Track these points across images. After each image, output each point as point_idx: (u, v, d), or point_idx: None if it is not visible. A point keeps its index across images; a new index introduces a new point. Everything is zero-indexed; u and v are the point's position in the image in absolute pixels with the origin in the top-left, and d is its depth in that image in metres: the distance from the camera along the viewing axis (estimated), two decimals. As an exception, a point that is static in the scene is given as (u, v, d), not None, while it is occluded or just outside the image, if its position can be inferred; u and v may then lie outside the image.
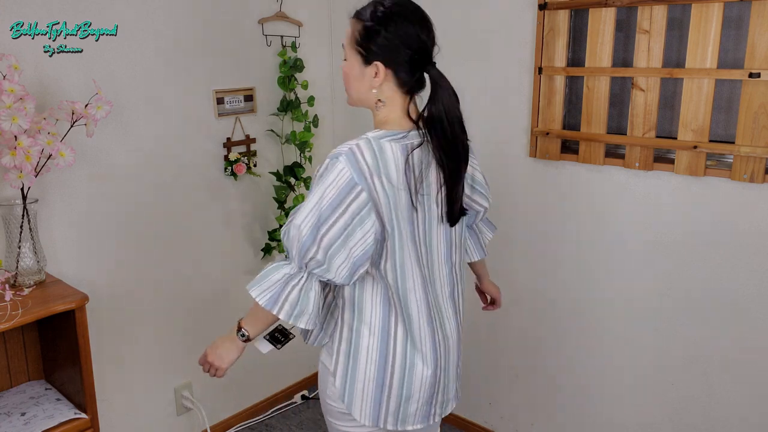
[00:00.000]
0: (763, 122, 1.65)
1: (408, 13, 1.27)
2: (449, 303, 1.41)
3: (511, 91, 2.11)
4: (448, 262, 1.39)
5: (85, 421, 1.68)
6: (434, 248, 1.35)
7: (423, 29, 1.27)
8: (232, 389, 2.52)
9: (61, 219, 1.91)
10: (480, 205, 1.54)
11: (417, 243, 1.31)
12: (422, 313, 1.34)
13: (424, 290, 1.34)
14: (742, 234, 1.74)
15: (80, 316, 1.63)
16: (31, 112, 1.60)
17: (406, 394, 1.37)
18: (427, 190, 1.30)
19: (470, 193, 1.48)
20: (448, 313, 1.41)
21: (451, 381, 1.46)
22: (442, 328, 1.39)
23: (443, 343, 1.39)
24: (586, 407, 2.16)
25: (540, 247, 2.16)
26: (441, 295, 1.39)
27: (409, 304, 1.32)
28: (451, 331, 1.41)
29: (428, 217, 1.32)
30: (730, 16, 1.72)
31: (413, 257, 1.30)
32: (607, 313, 2.04)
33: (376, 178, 1.22)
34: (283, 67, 2.40)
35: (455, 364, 1.46)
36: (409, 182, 1.25)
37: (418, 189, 1.28)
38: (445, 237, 1.37)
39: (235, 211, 2.40)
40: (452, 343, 1.42)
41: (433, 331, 1.36)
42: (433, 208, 1.32)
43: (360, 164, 1.21)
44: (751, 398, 1.80)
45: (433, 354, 1.37)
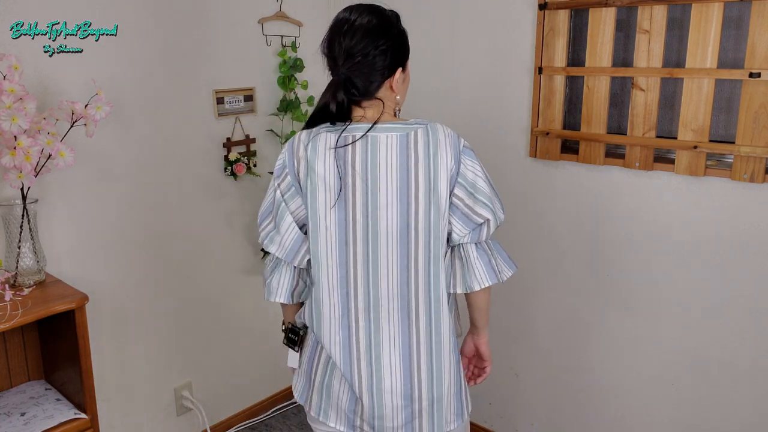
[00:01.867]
0: (763, 122, 1.64)
1: (345, 9, 1.33)
2: (398, 322, 1.31)
3: (511, 91, 2.11)
4: (404, 271, 1.29)
5: (85, 421, 1.68)
6: (381, 250, 1.28)
7: None
8: (232, 389, 2.52)
9: (61, 219, 1.91)
10: (479, 216, 1.31)
11: (347, 239, 1.28)
12: (334, 319, 1.31)
13: (344, 295, 1.30)
14: (742, 234, 1.74)
15: (80, 316, 1.63)
16: (31, 112, 1.60)
17: (327, 382, 1.36)
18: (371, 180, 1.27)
19: (470, 201, 1.30)
20: (393, 332, 1.31)
21: (392, 413, 1.33)
22: (369, 349, 1.31)
23: (368, 362, 1.30)
24: (587, 407, 2.16)
25: (540, 247, 2.16)
26: (385, 309, 1.30)
27: (321, 308, 1.33)
28: (390, 340, 1.31)
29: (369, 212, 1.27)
30: (730, 16, 1.72)
31: (335, 252, 1.30)
32: (607, 312, 2.04)
33: (303, 161, 1.29)
34: (283, 67, 2.40)
35: (402, 395, 1.32)
36: (339, 169, 1.27)
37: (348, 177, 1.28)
38: (400, 241, 1.28)
39: (235, 211, 2.40)
40: (392, 367, 1.31)
41: (350, 345, 1.31)
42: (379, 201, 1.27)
43: (294, 149, 1.32)
44: (751, 398, 1.80)
45: (348, 370, 1.31)
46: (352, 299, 1.31)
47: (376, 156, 1.26)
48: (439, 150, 1.26)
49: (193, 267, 2.30)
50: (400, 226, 1.27)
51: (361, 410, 1.34)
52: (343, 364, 1.32)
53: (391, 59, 1.28)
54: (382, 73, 1.28)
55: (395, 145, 1.26)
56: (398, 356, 1.32)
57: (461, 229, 1.31)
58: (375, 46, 1.25)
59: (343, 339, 1.32)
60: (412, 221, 1.27)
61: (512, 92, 2.11)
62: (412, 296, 1.31)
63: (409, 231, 1.27)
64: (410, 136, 1.27)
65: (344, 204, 1.28)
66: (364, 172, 1.26)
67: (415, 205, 1.26)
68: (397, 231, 1.27)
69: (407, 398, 1.33)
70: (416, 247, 1.28)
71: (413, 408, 1.34)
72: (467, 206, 1.30)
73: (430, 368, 1.33)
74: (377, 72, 1.28)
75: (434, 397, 1.34)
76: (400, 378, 1.32)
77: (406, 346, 1.32)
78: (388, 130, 1.27)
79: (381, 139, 1.27)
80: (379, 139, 1.27)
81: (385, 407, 1.33)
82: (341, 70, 1.26)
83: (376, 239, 1.28)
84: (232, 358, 2.49)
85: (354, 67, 1.25)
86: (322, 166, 1.27)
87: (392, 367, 1.32)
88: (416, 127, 1.28)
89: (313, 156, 1.28)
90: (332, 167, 1.27)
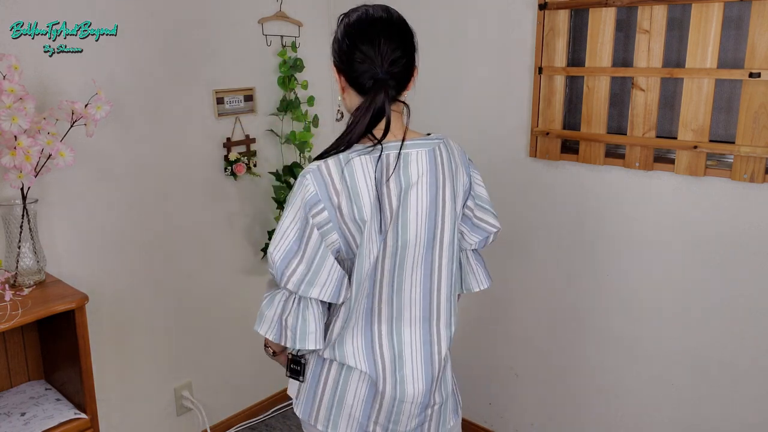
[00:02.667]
0: (763, 122, 1.64)
1: (349, 15, 1.28)
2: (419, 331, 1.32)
3: (511, 91, 2.11)
4: (427, 280, 1.30)
5: (84, 421, 1.68)
6: (407, 262, 1.28)
7: None
8: (232, 389, 2.52)
9: (61, 219, 1.91)
10: (492, 225, 1.38)
11: (379, 262, 1.26)
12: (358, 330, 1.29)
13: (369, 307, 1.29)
14: (742, 234, 1.74)
15: (80, 316, 1.63)
16: (31, 112, 1.60)
17: (339, 397, 1.34)
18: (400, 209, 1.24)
19: (479, 212, 1.36)
20: (415, 341, 1.32)
21: (407, 420, 1.35)
22: (393, 359, 1.31)
23: (392, 371, 1.31)
24: (587, 407, 2.16)
25: (540, 247, 2.16)
26: (407, 319, 1.31)
27: (347, 323, 1.29)
28: (413, 349, 1.32)
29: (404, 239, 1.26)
30: (730, 16, 1.72)
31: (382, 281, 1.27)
32: (607, 312, 2.04)
33: (342, 195, 1.19)
34: (283, 67, 2.40)
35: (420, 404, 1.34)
36: (379, 192, 1.21)
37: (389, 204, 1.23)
38: (425, 264, 1.28)
39: (234, 211, 2.40)
40: (414, 377, 1.32)
41: (373, 354, 1.30)
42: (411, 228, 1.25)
43: (325, 181, 1.19)
44: (751, 398, 1.80)
45: (374, 375, 1.31)
46: (376, 311, 1.30)
47: (408, 173, 1.23)
48: (457, 166, 1.31)
49: (193, 267, 2.30)
50: (426, 239, 1.27)
51: (377, 415, 1.35)
52: (368, 369, 1.31)
53: (414, 60, 1.27)
54: (410, 74, 1.26)
55: (425, 161, 1.25)
56: (420, 366, 1.32)
57: (472, 238, 1.37)
58: (411, 46, 1.24)
59: (366, 348, 1.31)
60: (438, 234, 1.28)
61: (512, 92, 2.11)
62: (434, 306, 1.32)
63: (434, 244, 1.28)
64: (436, 152, 1.26)
65: (380, 223, 1.24)
66: (397, 190, 1.24)
67: (442, 220, 1.27)
68: (424, 244, 1.27)
69: (423, 405, 1.35)
70: (440, 259, 1.30)
71: (426, 413, 1.37)
72: (478, 217, 1.36)
73: (444, 374, 1.38)
74: (410, 72, 1.26)
75: (443, 400, 1.39)
76: (422, 387, 1.33)
77: (428, 355, 1.33)
78: (417, 146, 1.25)
79: (412, 156, 1.24)
80: (410, 156, 1.24)
81: (402, 414, 1.34)
82: (381, 72, 1.19)
83: (404, 252, 1.26)
84: (232, 358, 2.49)
85: (396, 69, 1.21)
86: (366, 194, 1.20)
87: (414, 377, 1.32)
88: (437, 142, 1.27)
89: (354, 185, 1.20)
90: (374, 192, 1.22)
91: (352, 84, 1.23)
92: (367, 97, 1.21)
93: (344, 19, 1.24)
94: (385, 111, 1.20)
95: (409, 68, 1.25)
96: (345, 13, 1.26)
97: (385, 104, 1.19)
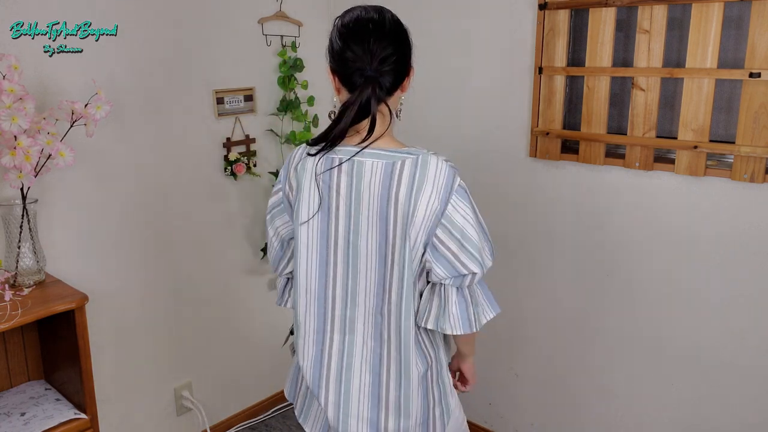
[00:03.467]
0: (763, 122, 1.64)
1: (344, 14, 1.31)
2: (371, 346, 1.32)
3: (511, 91, 2.11)
4: (379, 297, 1.28)
5: (84, 422, 1.68)
6: (360, 273, 1.28)
7: None
8: (232, 389, 2.52)
9: (61, 219, 1.91)
10: (464, 267, 1.24)
11: (328, 258, 1.29)
12: (308, 335, 1.34)
13: (321, 313, 1.33)
14: (742, 234, 1.74)
15: (80, 316, 1.63)
16: (31, 112, 1.60)
17: (309, 398, 1.40)
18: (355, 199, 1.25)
19: (454, 246, 1.24)
20: (366, 355, 1.31)
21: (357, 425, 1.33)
22: (340, 370, 1.32)
23: (337, 382, 1.32)
24: (586, 407, 2.16)
25: (539, 248, 2.15)
26: (360, 332, 1.31)
27: (299, 322, 1.35)
28: (362, 363, 1.31)
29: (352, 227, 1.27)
30: (731, 15, 1.72)
31: (315, 270, 1.31)
32: (607, 312, 2.04)
33: (292, 182, 1.32)
34: (283, 67, 2.40)
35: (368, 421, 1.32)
36: (322, 192, 1.28)
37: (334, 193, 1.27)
38: (378, 268, 1.27)
39: (234, 211, 2.40)
40: (361, 392, 1.31)
41: (321, 362, 1.33)
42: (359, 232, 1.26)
43: (288, 165, 1.35)
44: (751, 398, 1.80)
45: (316, 387, 1.33)
46: (329, 317, 1.33)
47: (361, 182, 1.24)
48: (424, 186, 1.21)
49: (193, 267, 2.30)
50: (378, 253, 1.26)
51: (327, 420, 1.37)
52: (312, 379, 1.33)
53: (408, 60, 1.28)
54: (403, 74, 1.27)
55: (379, 173, 1.22)
56: (368, 382, 1.31)
57: (440, 272, 1.25)
58: (404, 45, 1.26)
59: (316, 355, 1.34)
60: (389, 251, 1.25)
61: (512, 92, 2.11)
62: (385, 324, 1.30)
63: (386, 260, 1.26)
64: (396, 166, 1.22)
65: (327, 225, 1.28)
66: (348, 196, 1.25)
67: (393, 237, 1.23)
68: (376, 257, 1.26)
69: (373, 426, 1.32)
70: (391, 278, 1.26)
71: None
72: (452, 253, 1.24)
73: (397, 399, 1.31)
74: (402, 71, 1.26)
75: (400, 426, 1.32)
76: (368, 404, 1.31)
77: (377, 373, 1.31)
78: (376, 157, 1.24)
79: (366, 165, 1.23)
80: (365, 165, 1.24)
81: (350, 431, 1.33)
82: (370, 70, 1.20)
83: (356, 262, 1.28)
84: (232, 358, 2.49)
85: (386, 67, 1.22)
86: (308, 186, 1.28)
87: (361, 392, 1.32)
88: (405, 157, 1.23)
89: (302, 174, 1.29)
90: (316, 189, 1.28)
91: (344, 83, 1.25)
92: (354, 93, 1.22)
93: (338, 20, 1.27)
94: (371, 109, 1.20)
95: (402, 67, 1.25)
96: (339, 15, 1.28)
97: (371, 101, 1.20)
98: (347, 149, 1.25)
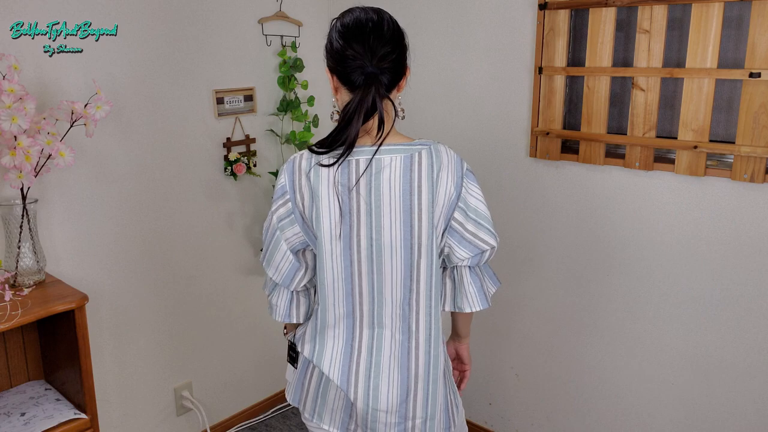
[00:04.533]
0: (763, 122, 1.64)
1: (343, 15, 1.31)
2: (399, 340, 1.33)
3: (511, 91, 2.11)
4: (406, 289, 1.31)
5: (84, 422, 1.68)
6: (385, 269, 1.29)
7: None
8: (232, 389, 2.53)
9: (61, 219, 1.91)
10: (484, 242, 1.32)
11: (352, 258, 1.29)
12: (338, 336, 1.34)
13: (350, 312, 1.33)
14: (742, 234, 1.74)
15: (80, 316, 1.63)
16: (31, 112, 1.60)
17: (322, 391, 1.39)
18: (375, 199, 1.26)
19: (471, 226, 1.30)
20: (394, 349, 1.33)
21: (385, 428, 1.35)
22: (369, 366, 1.32)
23: (366, 378, 1.32)
24: (587, 407, 2.16)
25: (539, 247, 2.16)
26: (388, 327, 1.33)
27: (326, 324, 1.35)
28: (391, 357, 1.33)
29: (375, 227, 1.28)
30: (731, 15, 1.72)
31: (341, 271, 1.30)
32: (607, 312, 2.04)
33: (305, 191, 1.28)
34: (283, 67, 2.40)
35: (396, 413, 1.33)
36: (342, 196, 1.27)
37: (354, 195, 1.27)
38: (404, 261, 1.29)
39: (235, 211, 2.40)
40: (390, 385, 1.33)
41: (350, 360, 1.33)
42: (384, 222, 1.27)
43: (294, 173, 1.29)
44: (751, 398, 1.80)
45: (345, 382, 1.33)
46: (357, 315, 1.33)
47: (380, 179, 1.25)
48: (441, 173, 1.26)
49: (193, 267, 2.30)
50: (403, 246, 1.28)
51: (355, 419, 1.36)
52: (340, 376, 1.33)
53: (405, 61, 1.30)
54: (400, 73, 1.28)
55: (399, 167, 1.25)
56: (397, 375, 1.33)
57: (462, 253, 1.31)
58: (402, 45, 1.27)
59: (345, 353, 1.34)
60: (415, 242, 1.27)
61: (512, 92, 2.11)
62: (413, 314, 1.32)
63: (412, 251, 1.28)
64: (414, 158, 1.25)
65: (349, 227, 1.28)
66: (368, 195, 1.26)
67: (419, 227, 1.26)
68: (401, 250, 1.28)
69: (402, 416, 1.34)
70: (419, 268, 1.29)
71: (406, 425, 1.35)
72: (470, 232, 1.30)
73: (426, 387, 1.34)
74: (400, 70, 1.28)
75: (428, 415, 1.35)
76: (397, 397, 1.33)
77: (405, 367, 1.33)
78: (392, 152, 1.26)
79: (385, 162, 1.25)
80: (383, 162, 1.25)
81: (379, 423, 1.34)
82: (371, 67, 1.22)
83: (380, 258, 1.28)
84: (232, 358, 2.49)
85: (385, 65, 1.23)
86: (327, 198, 1.26)
87: (390, 385, 1.33)
88: (420, 148, 1.27)
89: (317, 183, 1.26)
90: (335, 198, 1.26)
91: (344, 82, 1.26)
92: (357, 92, 1.22)
93: (336, 21, 1.28)
94: (378, 108, 1.21)
95: (399, 67, 1.27)
96: (337, 16, 1.29)
97: (376, 100, 1.21)
98: (362, 149, 1.26)
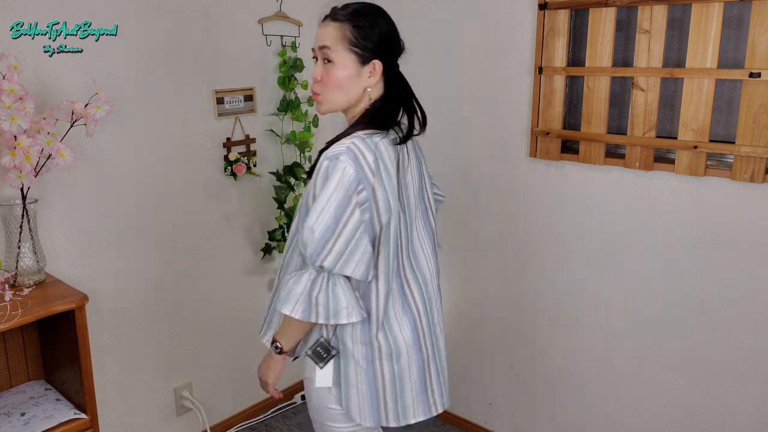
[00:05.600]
0: (763, 122, 1.64)
1: (383, 11, 1.38)
2: (437, 292, 1.49)
3: (511, 91, 2.11)
4: (434, 253, 1.48)
5: (84, 422, 1.68)
6: (416, 239, 1.43)
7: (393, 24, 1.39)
8: (232, 389, 2.52)
9: (61, 219, 1.91)
10: (441, 197, 1.63)
11: (405, 236, 1.40)
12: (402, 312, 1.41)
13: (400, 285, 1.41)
14: (742, 234, 1.74)
15: (80, 316, 1.63)
16: (31, 112, 1.60)
17: (400, 397, 1.38)
18: (407, 184, 1.40)
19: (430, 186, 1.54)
20: (437, 303, 1.48)
21: (442, 368, 1.50)
22: (428, 315, 1.44)
23: (428, 329, 1.44)
24: (586, 407, 2.16)
25: (540, 247, 2.15)
26: (430, 283, 1.46)
27: (388, 305, 1.39)
28: (438, 320, 1.48)
29: (411, 211, 1.41)
30: (731, 16, 1.72)
31: (404, 249, 1.40)
32: (607, 313, 2.04)
33: (377, 176, 1.28)
34: (283, 67, 2.40)
35: (441, 353, 1.50)
36: (399, 177, 1.35)
37: (403, 183, 1.38)
38: (426, 228, 1.46)
39: (235, 211, 2.40)
40: (439, 332, 1.49)
41: (414, 318, 1.41)
42: (412, 201, 1.41)
43: (361, 162, 1.26)
44: (751, 398, 1.80)
45: (414, 336, 1.41)
46: (404, 281, 1.41)
47: (406, 151, 1.41)
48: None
49: (193, 267, 2.30)
50: (424, 216, 1.46)
51: (429, 378, 1.45)
52: (414, 351, 1.40)
53: None
54: None
55: (410, 143, 1.43)
56: (439, 307, 1.50)
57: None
58: None
59: (405, 312, 1.40)
60: (430, 213, 1.48)
61: (512, 92, 2.11)
62: (437, 264, 1.50)
63: (430, 221, 1.48)
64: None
65: (407, 204, 1.41)
66: (404, 170, 1.39)
67: (429, 198, 1.50)
68: (425, 219, 1.46)
69: (443, 398, 1.51)
70: (433, 224, 1.49)
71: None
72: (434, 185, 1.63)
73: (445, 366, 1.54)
74: None
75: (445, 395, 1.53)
76: (440, 319, 1.50)
77: (440, 302, 1.51)
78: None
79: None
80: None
81: (441, 367, 1.50)
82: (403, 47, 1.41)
83: (409, 224, 1.41)
84: (232, 358, 2.49)
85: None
86: (395, 176, 1.33)
87: (438, 312, 1.50)
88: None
89: (386, 167, 1.31)
90: (395, 174, 1.34)
91: (390, 68, 1.37)
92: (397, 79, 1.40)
93: (376, 11, 1.36)
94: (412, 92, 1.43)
95: None
96: (365, 7, 1.35)
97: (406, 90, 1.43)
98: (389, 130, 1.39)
